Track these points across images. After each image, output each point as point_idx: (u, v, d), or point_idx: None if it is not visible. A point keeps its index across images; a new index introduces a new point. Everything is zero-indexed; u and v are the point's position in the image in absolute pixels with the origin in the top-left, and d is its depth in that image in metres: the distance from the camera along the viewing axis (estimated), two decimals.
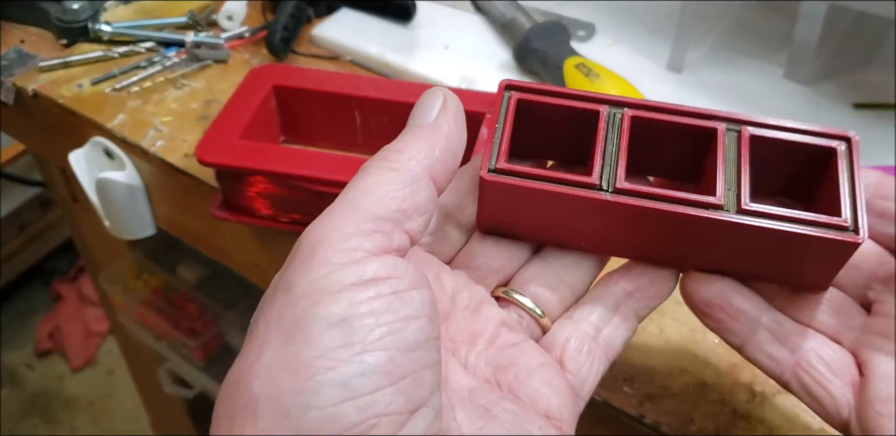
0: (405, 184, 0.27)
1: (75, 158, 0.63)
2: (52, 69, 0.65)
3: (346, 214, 0.26)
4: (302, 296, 0.25)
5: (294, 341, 0.24)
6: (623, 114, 0.31)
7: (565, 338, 0.33)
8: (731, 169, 0.31)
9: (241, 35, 0.67)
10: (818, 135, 0.31)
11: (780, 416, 0.44)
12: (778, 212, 0.29)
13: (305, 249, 0.26)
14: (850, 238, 0.29)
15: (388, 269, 0.25)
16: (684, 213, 0.29)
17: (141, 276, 0.95)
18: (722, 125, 0.31)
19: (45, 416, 1.60)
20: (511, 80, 0.32)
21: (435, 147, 0.29)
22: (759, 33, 0.66)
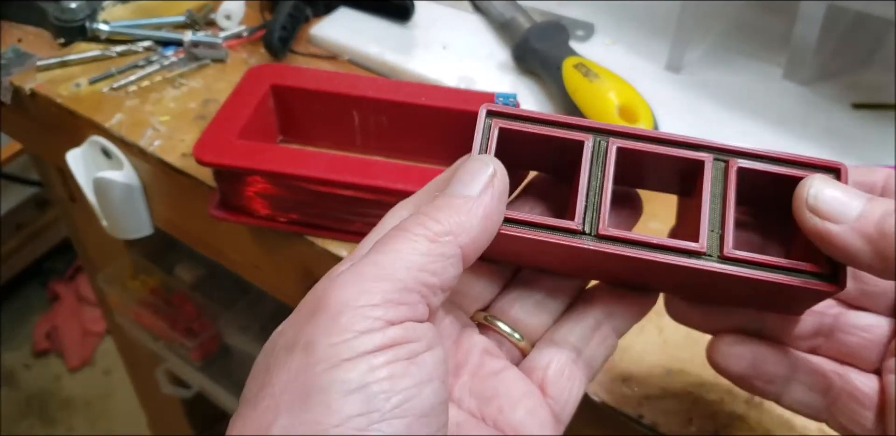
0: (439, 259, 0.27)
1: (73, 157, 0.62)
2: (49, 68, 0.65)
3: (377, 280, 0.26)
4: (321, 360, 0.24)
5: (312, 406, 0.24)
6: (608, 143, 0.31)
7: (546, 362, 0.33)
8: (716, 207, 0.30)
9: (240, 34, 0.67)
10: (808, 166, 0.31)
11: (779, 417, 0.44)
12: (759, 259, 0.29)
13: (331, 309, 0.25)
14: (829, 288, 0.29)
15: (406, 333, 0.26)
16: (665, 262, 0.29)
17: (138, 276, 0.95)
18: (709, 157, 0.31)
19: (43, 416, 1.59)
20: (491, 106, 0.31)
21: (475, 227, 0.28)
22: (758, 34, 0.66)
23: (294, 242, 0.55)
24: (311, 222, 0.53)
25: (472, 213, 0.28)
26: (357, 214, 0.52)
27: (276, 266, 0.61)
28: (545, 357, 0.33)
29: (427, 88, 0.55)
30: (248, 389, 0.26)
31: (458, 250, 0.27)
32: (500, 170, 0.29)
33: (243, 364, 0.98)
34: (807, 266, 0.29)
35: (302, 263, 0.57)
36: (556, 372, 0.33)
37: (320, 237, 0.53)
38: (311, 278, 0.58)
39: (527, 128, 0.31)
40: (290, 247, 0.56)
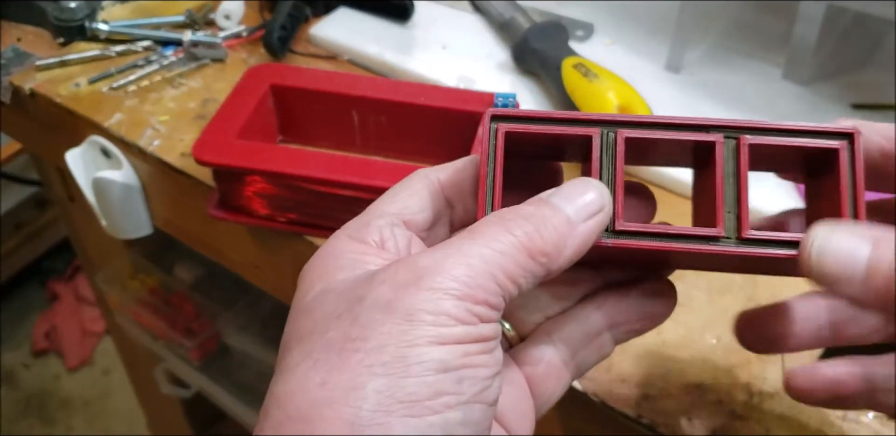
0: (528, 276, 0.27)
1: (72, 157, 0.62)
2: (48, 68, 0.65)
3: (483, 277, 0.26)
4: (423, 335, 0.25)
5: (410, 375, 0.24)
6: (616, 135, 0.31)
7: (538, 357, 0.33)
8: (730, 187, 0.30)
9: (239, 34, 0.67)
10: (819, 133, 0.30)
11: (778, 417, 0.44)
12: (777, 236, 0.29)
13: (437, 290, 0.26)
14: None
15: (490, 332, 0.27)
16: (684, 249, 0.30)
17: (138, 275, 0.95)
18: (720, 136, 0.30)
19: (42, 416, 1.59)
20: (495, 111, 0.31)
21: (565, 258, 0.28)
22: (757, 34, 0.66)
23: (293, 241, 0.55)
24: (311, 222, 0.53)
25: (572, 242, 0.28)
26: (356, 213, 0.52)
27: (275, 266, 0.61)
28: (538, 352, 0.33)
29: (426, 88, 0.55)
30: (321, 329, 0.26)
31: (544, 273, 0.28)
32: (608, 205, 0.29)
33: (243, 364, 0.98)
34: None
35: (301, 263, 0.57)
36: (544, 372, 0.33)
37: (320, 237, 0.53)
38: None
39: (532, 129, 0.31)
40: (290, 247, 0.56)
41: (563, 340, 0.33)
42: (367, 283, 0.27)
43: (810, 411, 0.44)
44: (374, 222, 0.31)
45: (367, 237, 0.30)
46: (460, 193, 0.32)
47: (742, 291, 0.50)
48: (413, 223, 0.31)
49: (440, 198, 0.32)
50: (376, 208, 0.31)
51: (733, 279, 0.50)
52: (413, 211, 0.31)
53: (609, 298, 0.34)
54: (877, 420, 0.44)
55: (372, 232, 0.30)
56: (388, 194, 0.32)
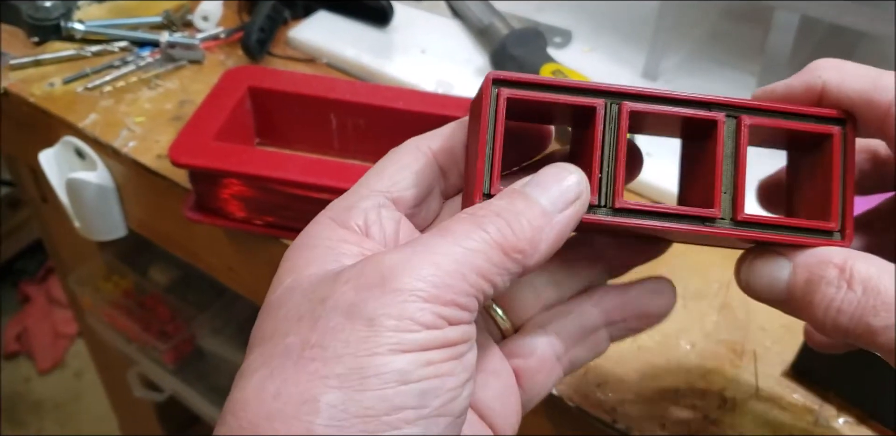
0: (504, 273, 0.26)
1: (45, 157, 0.62)
2: (22, 67, 0.64)
3: (452, 277, 0.25)
4: (384, 343, 0.24)
5: (367, 388, 0.23)
6: (620, 107, 0.30)
7: (530, 350, 0.32)
8: (728, 167, 0.30)
9: (217, 36, 0.67)
10: (816, 117, 0.31)
11: (751, 422, 0.44)
12: (772, 219, 0.30)
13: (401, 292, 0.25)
14: (837, 243, 0.30)
15: (460, 335, 0.25)
16: (680, 229, 0.29)
17: (111, 277, 0.94)
18: (721, 115, 0.30)
19: (12, 418, 1.57)
20: (497, 74, 0.29)
21: (543, 252, 0.27)
22: (733, 43, 0.67)
23: (269, 244, 0.54)
24: (287, 225, 0.53)
25: (548, 235, 0.27)
26: None
27: (251, 269, 0.60)
28: (531, 345, 0.32)
29: (404, 93, 0.55)
30: (282, 332, 0.25)
31: (521, 270, 0.27)
32: (585, 190, 0.28)
33: (217, 367, 0.97)
34: (817, 224, 0.30)
35: (277, 265, 0.57)
36: (536, 365, 0.32)
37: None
38: None
39: (535, 96, 0.30)
40: (266, 250, 0.55)
41: (557, 333, 0.33)
42: (332, 282, 0.26)
43: (783, 416, 0.45)
44: (360, 204, 0.29)
45: (351, 221, 0.29)
46: (454, 160, 0.31)
47: (716, 297, 0.50)
48: (402, 200, 0.30)
49: (433, 168, 0.31)
50: (364, 186, 0.30)
51: (708, 285, 0.51)
52: (402, 187, 0.30)
53: (608, 295, 0.34)
54: (847, 425, 0.44)
55: (356, 216, 0.29)
56: (376, 168, 0.31)
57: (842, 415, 0.45)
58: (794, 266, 0.29)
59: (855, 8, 0.53)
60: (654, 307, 0.34)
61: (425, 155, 0.31)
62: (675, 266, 0.51)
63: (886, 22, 0.52)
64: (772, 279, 0.29)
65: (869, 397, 0.45)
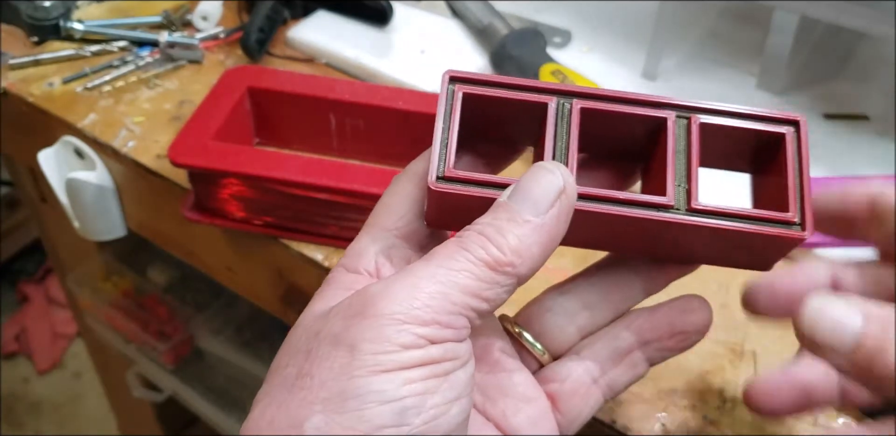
0: (494, 287, 0.27)
1: (45, 157, 0.62)
2: (22, 67, 0.64)
3: (432, 298, 0.26)
4: (363, 366, 0.25)
5: (347, 410, 0.24)
6: (572, 105, 0.31)
7: (565, 375, 0.33)
8: (681, 162, 0.31)
9: (216, 36, 0.67)
10: (769, 120, 0.31)
11: (750, 423, 0.44)
12: (727, 209, 0.30)
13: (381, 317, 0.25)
14: (797, 234, 0.30)
15: (445, 353, 0.26)
16: (636, 216, 0.30)
17: (110, 278, 0.94)
18: (672, 114, 0.31)
19: (10, 419, 1.57)
20: (453, 71, 0.31)
21: (535, 256, 0.27)
22: (732, 43, 0.67)
23: (268, 244, 0.54)
24: (286, 225, 0.53)
25: (535, 240, 0.27)
26: (332, 217, 0.52)
27: (249, 269, 0.60)
28: (565, 369, 0.33)
29: (404, 93, 0.55)
30: (284, 363, 0.27)
31: (514, 280, 0.27)
32: (569, 183, 0.28)
33: (216, 368, 0.97)
34: (775, 215, 0.30)
35: (276, 266, 0.57)
36: (571, 389, 0.32)
37: (295, 240, 0.53)
38: (285, 282, 0.58)
39: (490, 92, 0.31)
40: (265, 250, 0.55)
41: (591, 357, 0.33)
42: (326, 316, 0.27)
43: None
44: (369, 249, 0.30)
45: (360, 267, 0.30)
46: None
47: (715, 297, 0.50)
48: (414, 234, 0.31)
49: None
50: (373, 225, 0.31)
51: (707, 285, 0.51)
52: (409, 220, 0.31)
53: (640, 316, 0.34)
54: (846, 426, 0.44)
55: (365, 262, 0.30)
56: (382, 202, 0.31)
57: (841, 415, 0.45)
58: (868, 316, 0.28)
59: (855, 8, 0.53)
60: (688, 325, 0.33)
61: (424, 179, 0.31)
62: None
63: (886, 22, 0.52)
64: (841, 326, 0.28)
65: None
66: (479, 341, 0.32)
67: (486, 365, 0.32)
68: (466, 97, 0.30)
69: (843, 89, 0.63)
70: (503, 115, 0.32)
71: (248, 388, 0.95)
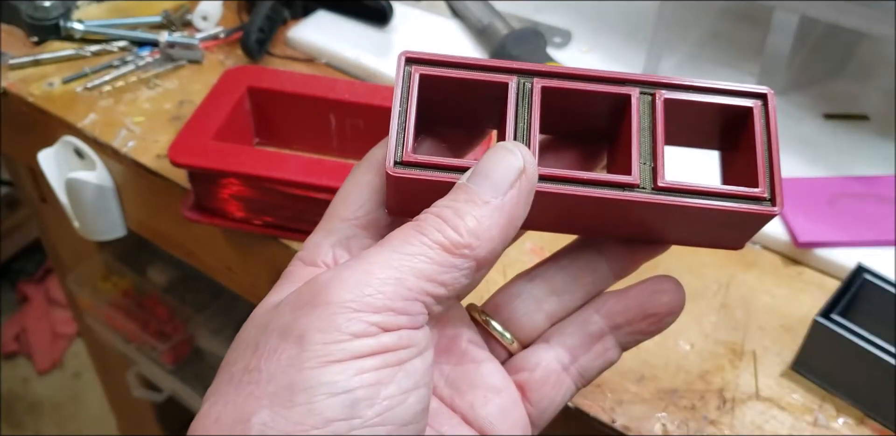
0: (451, 270, 0.26)
1: (45, 157, 0.62)
2: (21, 67, 0.64)
3: (383, 284, 0.25)
4: (311, 357, 0.24)
5: (295, 405, 0.23)
6: (532, 84, 0.30)
7: (534, 363, 0.31)
8: (646, 139, 0.30)
9: (216, 36, 0.67)
10: (735, 94, 0.30)
11: (750, 423, 0.44)
12: (694, 187, 0.29)
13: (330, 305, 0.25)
14: (767, 210, 0.29)
15: (400, 341, 0.25)
16: (600, 197, 0.29)
17: (110, 277, 0.94)
18: (636, 91, 0.30)
19: (10, 419, 1.57)
20: (410, 52, 0.29)
21: (495, 238, 0.26)
22: (732, 43, 0.67)
23: (268, 244, 0.54)
24: (286, 225, 0.53)
25: (495, 221, 0.26)
26: None
27: (249, 269, 0.60)
28: (534, 357, 0.32)
29: None
30: (233, 360, 0.26)
31: (473, 263, 0.26)
32: (529, 163, 0.27)
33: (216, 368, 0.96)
34: (744, 191, 0.29)
35: (275, 266, 0.57)
36: (541, 377, 0.31)
37: (295, 240, 0.53)
38: None
39: (448, 73, 0.30)
40: (264, 250, 0.55)
41: (561, 343, 0.32)
42: (275, 308, 0.26)
43: (782, 416, 0.45)
44: (327, 241, 0.29)
45: (318, 259, 0.29)
46: None
47: (715, 297, 0.50)
48: (375, 223, 0.30)
49: None
50: (332, 216, 0.30)
51: (706, 286, 0.51)
52: (369, 209, 0.30)
53: (609, 299, 0.33)
54: (846, 425, 0.44)
55: (323, 253, 0.29)
56: (341, 192, 0.30)
57: (841, 415, 0.45)
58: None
59: (854, 8, 0.53)
60: (659, 306, 0.32)
61: (384, 165, 0.30)
62: (672, 267, 0.51)
63: (886, 22, 0.52)
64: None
65: (868, 397, 0.45)
66: (447, 332, 0.31)
67: (453, 356, 0.31)
68: (424, 79, 0.29)
69: (843, 89, 0.64)
70: (463, 96, 0.31)
71: None
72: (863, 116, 0.61)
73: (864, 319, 0.45)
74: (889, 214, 0.53)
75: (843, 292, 0.46)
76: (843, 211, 0.53)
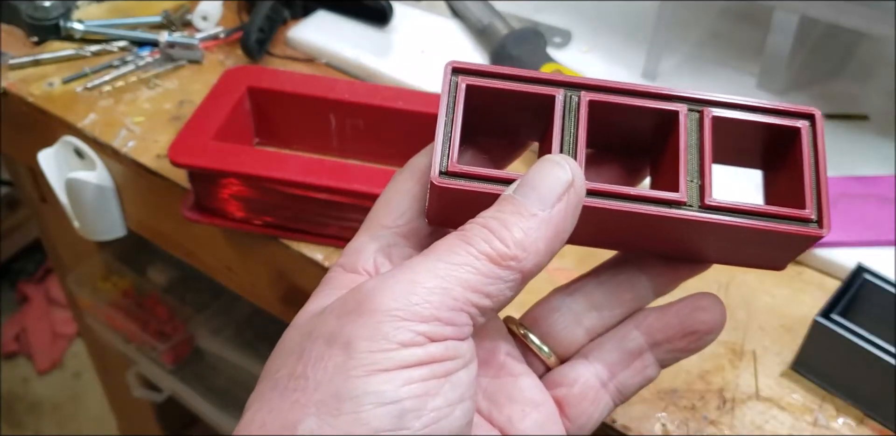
0: (497, 282, 0.26)
1: (45, 157, 0.62)
2: (21, 67, 0.64)
3: (431, 293, 0.25)
4: (358, 365, 0.24)
5: (342, 413, 0.23)
6: (580, 98, 0.30)
7: (573, 378, 0.31)
8: (693, 157, 0.30)
9: (216, 36, 0.67)
10: (783, 113, 0.30)
11: (750, 423, 0.44)
12: (742, 206, 0.29)
13: (377, 313, 0.24)
14: (814, 232, 0.29)
15: (447, 352, 0.25)
16: (647, 213, 0.28)
17: (110, 277, 0.94)
18: (683, 107, 0.30)
19: (10, 419, 1.57)
20: (456, 62, 0.30)
21: (541, 251, 0.26)
22: (732, 43, 0.67)
23: (268, 244, 0.54)
24: (286, 225, 0.53)
25: (542, 234, 0.26)
26: (332, 217, 0.52)
27: (249, 269, 0.60)
28: (573, 373, 0.31)
29: (404, 92, 0.55)
30: (276, 367, 0.26)
31: (519, 275, 0.26)
32: (577, 176, 0.27)
33: (216, 368, 0.97)
34: (791, 212, 0.29)
35: (276, 266, 0.57)
36: (579, 393, 0.31)
37: (295, 241, 0.53)
38: (285, 282, 0.58)
39: (494, 84, 0.30)
40: (264, 250, 0.55)
41: (600, 359, 0.32)
42: (320, 315, 0.26)
43: (782, 416, 0.45)
44: (368, 247, 0.29)
45: (358, 266, 0.29)
46: None
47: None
48: (415, 232, 0.30)
49: None
50: (373, 221, 0.30)
51: (707, 286, 0.51)
52: (409, 218, 0.30)
53: (649, 315, 0.32)
54: (846, 425, 0.44)
55: (364, 260, 0.29)
56: (381, 200, 0.30)
57: (841, 415, 0.45)
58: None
59: (855, 8, 0.53)
60: (700, 324, 0.32)
61: (426, 174, 0.29)
62: None
63: (886, 22, 0.52)
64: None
65: (868, 397, 0.45)
66: (484, 345, 0.31)
67: (491, 369, 0.31)
68: (470, 89, 0.29)
69: (843, 89, 0.63)
70: (507, 107, 0.31)
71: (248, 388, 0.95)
72: (863, 116, 0.61)
73: (864, 319, 0.45)
74: (889, 214, 0.53)
75: (843, 292, 0.46)
76: (844, 211, 0.53)
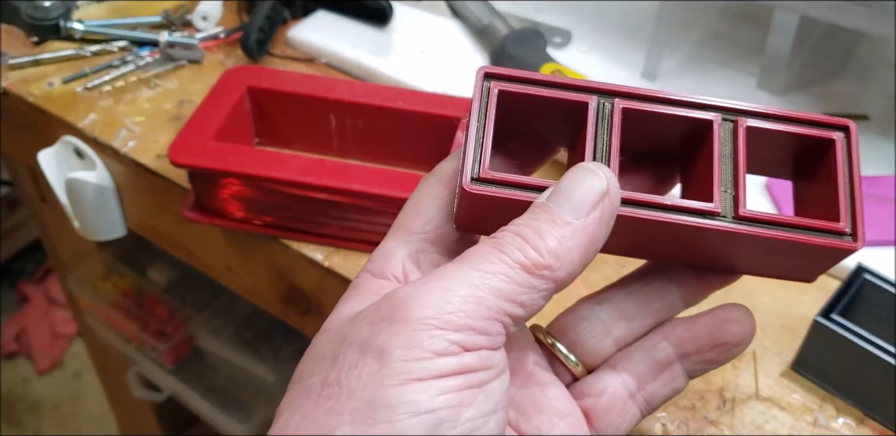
0: (531, 291, 0.25)
1: (45, 157, 0.62)
2: (21, 67, 0.64)
3: (465, 302, 0.25)
4: (393, 374, 0.24)
5: (377, 422, 0.23)
6: (613, 105, 0.29)
7: (601, 389, 0.31)
8: (727, 167, 0.29)
9: (216, 36, 0.67)
10: (817, 124, 0.30)
11: (750, 423, 0.44)
12: (776, 218, 0.29)
13: (411, 321, 0.24)
14: (848, 245, 0.29)
15: (480, 362, 0.25)
16: (680, 223, 0.28)
17: (110, 277, 0.94)
18: (717, 117, 0.30)
19: (10, 419, 1.57)
20: (488, 68, 0.29)
21: (575, 260, 0.26)
22: (732, 43, 0.67)
23: (268, 244, 0.54)
24: (286, 225, 0.53)
25: (575, 243, 0.26)
26: (332, 217, 0.52)
27: (249, 269, 0.60)
28: (601, 383, 0.31)
29: (404, 92, 0.55)
30: (308, 372, 0.25)
31: (552, 284, 0.26)
32: (612, 185, 0.27)
33: (216, 368, 0.97)
34: (825, 224, 0.29)
35: (275, 266, 0.57)
36: (607, 404, 0.31)
37: (295, 240, 0.53)
38: (285, 282, 0.58)
39: (527, 90, 0.29)
40: (264, 250, 0.55)
41: (628, 370, 0.31)
42: (352, 321, 0.26)
43: (782, 416, 0.45)
44: (397, 253, 0.29)
45: (387, 272, 0.29)
46: None
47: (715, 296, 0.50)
48: (443, 238, 0.29)
49: None
50: (401, 227, 0.29)
51: None
52: (438, 223, 0.29)
53: (679, 326, 0.32)
54: (846, 425, 0.44)
55: (392, 266, 0.29)
56: (409, 205, 0.30)
57: (841, 415, 0.45)
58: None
59: (855, 8, 0.53)
60: (729, 335, 0.31)
61: (454, 179, 0.29)
62: None
63: (886, 22, 0.52)
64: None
65: (868, 397, 0.45)
66: (512, 353, 0.30)
67: (518, 378, 0.31)
68: (502, 95, 0.29)
69: (843, 89, 0.63)
70: (539, 114, 0.30)
71: (248, 388, 0.95)
72: (863, 116, 0.61)
73: (864, 319, 0.45)
74: (889, 214, 0.53)
75: (843, 292, 0.46)
76: None
